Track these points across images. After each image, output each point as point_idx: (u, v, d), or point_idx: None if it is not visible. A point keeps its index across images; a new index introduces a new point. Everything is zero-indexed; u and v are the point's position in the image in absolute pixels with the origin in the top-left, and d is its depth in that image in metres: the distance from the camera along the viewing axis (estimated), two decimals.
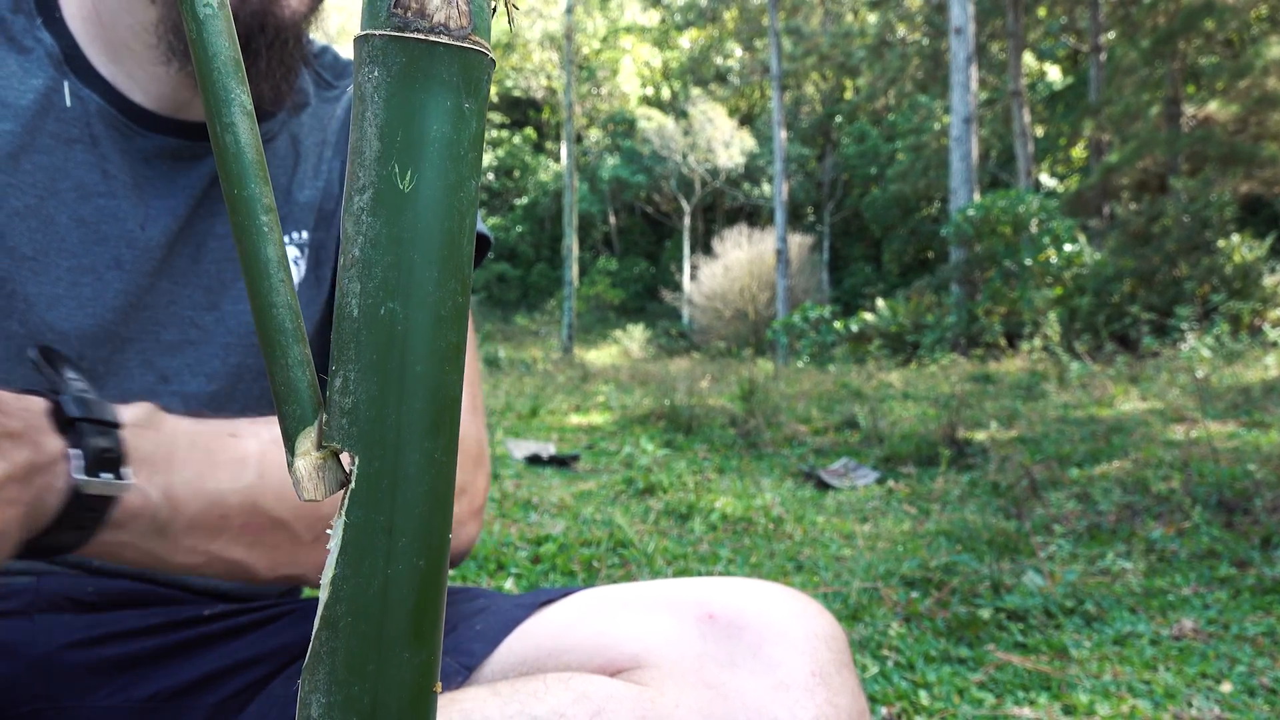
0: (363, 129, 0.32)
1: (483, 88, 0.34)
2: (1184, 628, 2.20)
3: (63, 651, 0.76)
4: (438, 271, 0.33)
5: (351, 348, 0.32)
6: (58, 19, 0.78)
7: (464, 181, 0.33)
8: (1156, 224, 13.55)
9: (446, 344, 0.33)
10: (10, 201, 0.75)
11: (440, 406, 0.33)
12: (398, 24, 0.32)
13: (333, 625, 0.34)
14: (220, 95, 0.33)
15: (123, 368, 0.80)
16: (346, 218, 0.33)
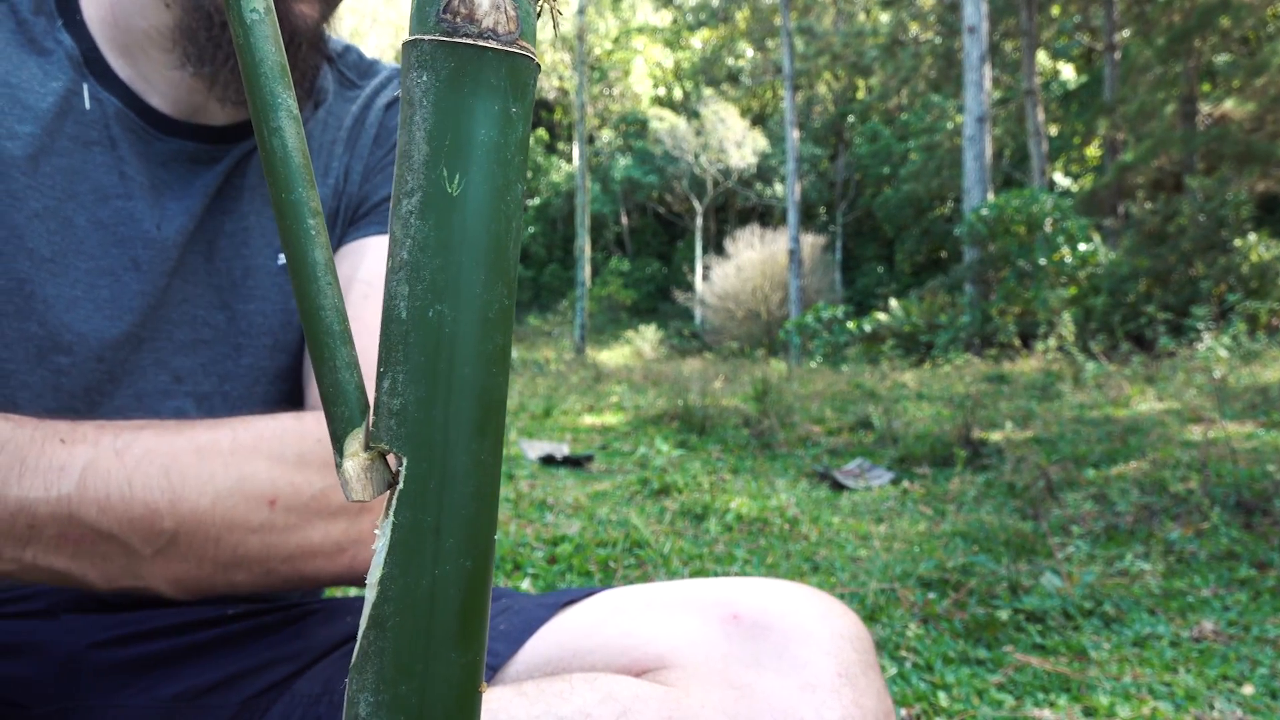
0: (411, 133, 0.32)
1: (529, 92, 0.34)
2: (1204, 629, 2.19)
3: (88, 651, 0.76)
4: (485, 274, 0.33)
5: (400, 350, 0.32)
6: (78, 21, 0.79)
7: (510, 185, 0.33)
8: (1172, 223, 13.47)
9: (493, 346, 0.33)
10: (30, 204, 0.75)
11: (486, 408, 0.33)
12: (446, 29, 0.32)
13: (380, 625, 0.34)
14: (267, 100, 0.33)
15: (137, 368, 0.80)
16: (394, 221, 0.33)
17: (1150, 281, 12.64)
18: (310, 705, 0.77)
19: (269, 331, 0.85)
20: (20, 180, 0.75)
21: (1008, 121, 23.33)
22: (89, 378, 0.78)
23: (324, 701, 0.77)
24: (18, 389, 0.76)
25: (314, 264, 0.34)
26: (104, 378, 0.78)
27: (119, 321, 0.78)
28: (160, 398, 0.80)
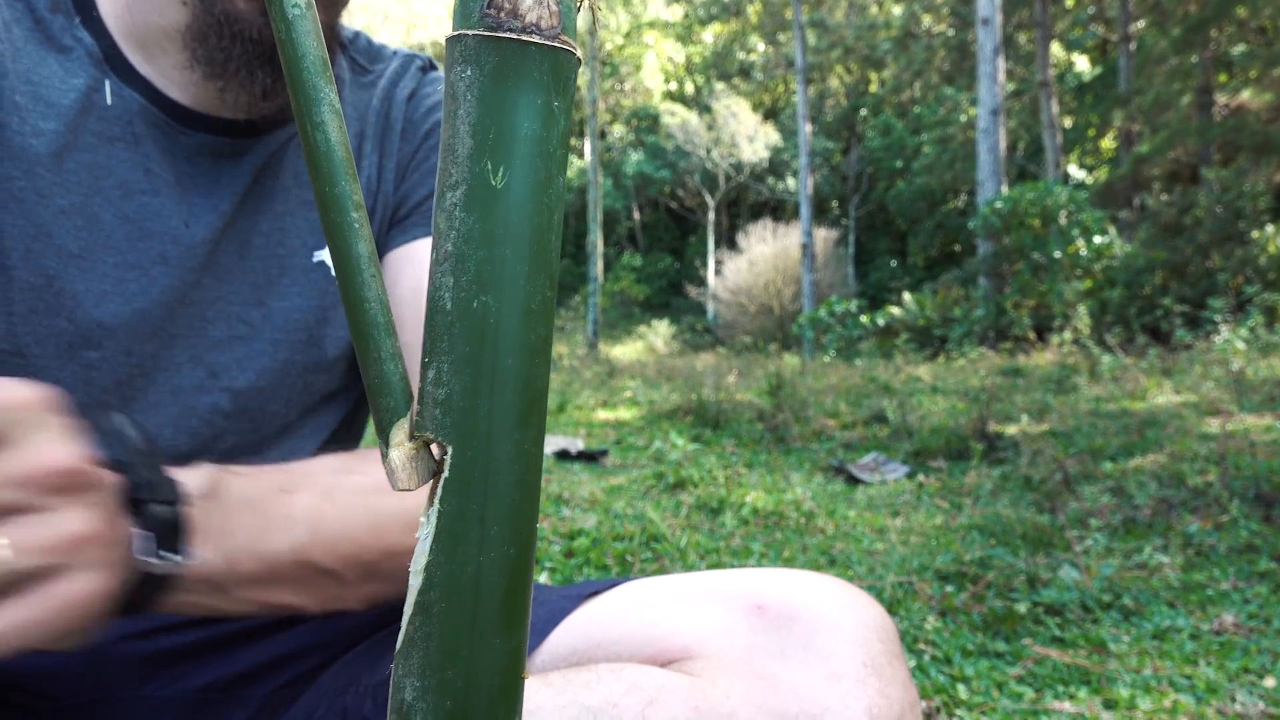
0: (455, 126, 0.33)
1: (570, 86, 0.34)
2: (1224, 622, 2.18)
3: (117, 643, 0.77)
4: (528, 266, 0.33)
5: (444, 340, 0.33)
6: (95, 18, 0.79)
7: (553, 178, 0.33)
8: (1188, 215, 13.38)
9: (536, 337, 0.34)
10: (56, 200, 0.75)
11: (530, 399, 0.34)
12: (490, 24, 0.32)
13: (426, 610, 0.34)
14: (310, 94, 0.33)
15: (171, 363, 0.80)
16: (439, 213, 0.33)
17: (1166, 274, 12.56)
18: (336, 696, 0.77)
19: (304, 327, 0.85)
20: (46, 177, 0.75)
21: (1022, 114, 23.21)
22: (119, 371, 0.78)
23: (350, 692, 0.77)
24: (49, 384, 0.77)
25: (358, 257, 0.34)
26: (135, 372, 0.79)
27: (148, 316, 0.79)
28: (195, 393, 0.81)
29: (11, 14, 0.77)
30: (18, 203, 0.74)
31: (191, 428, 0.81)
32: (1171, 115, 17.45)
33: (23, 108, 0.75)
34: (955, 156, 23.45)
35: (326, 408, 0.91)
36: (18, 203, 0.74)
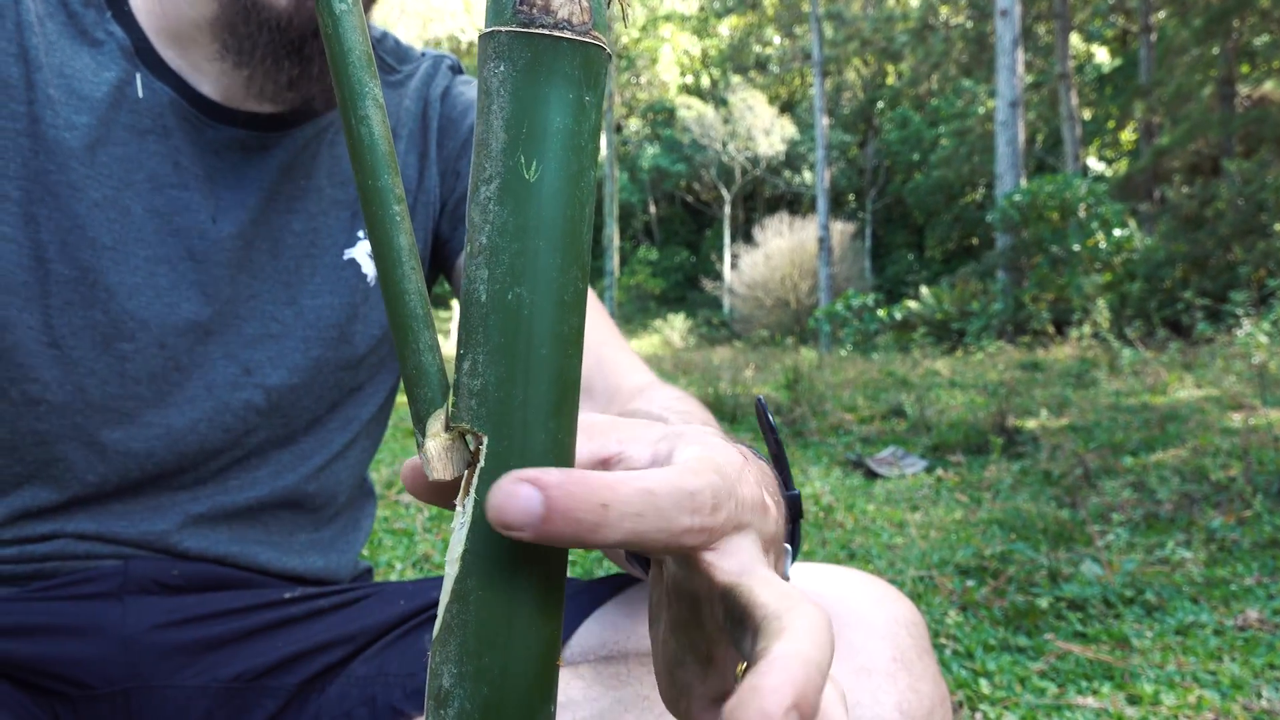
0: (488, 121, 0.33)
1: (602, 80, 0.34)
2: (1249, 618, 2.16)
3: (150, 632, 0.77)
4: (561, 258, 0.33)
5: (480, 332, 0.33)
6: (126, 11, 0.80)
7: (584, 171, 0.34)
8: (1209, 207, 13.26)
9: (569, 328, 0.34)
10: (89, 193, 0.76)
11: (563, 389, 0.34)
12: (523, 20, 0.33)
13: (463, 599, 0.34)
14: (355, 89, 0.34)
15: (206, 359, 0.81)
16: (473, 207, 0.33)
17: (1187, 267, 12.46)
18: (365, 687, 0.78)
19: (335, 324, 0.86)
20: (79, 170, 0.76)
21: (1040, 106, 23.06)
22: (152, 364, 0.79)
23: (379, 683, 0.78)
24: (85, 375, 0.77)
25: (399, 249, 0.34)
26: (169, 365, 0.79)
27: (177, 309, 0.80)
28: (230, 389, 0.82)
29: (45, 8, 0.77)
30: (53, 196, 0.75)
31: (225, 423, 0.82)
32: (1193, 107, 17.29)
33: (56, 101, 0.75)
34: (973, 149, 23.31)
35: (354, 401, 0.91)
36: (53, 196, 0.75)
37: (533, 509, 0.31)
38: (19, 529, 0.78)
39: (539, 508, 0.31)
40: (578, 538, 0.31)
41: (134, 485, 0.80)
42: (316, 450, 0.89)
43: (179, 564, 0.81)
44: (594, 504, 0.31)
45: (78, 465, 0.78)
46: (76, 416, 0.77)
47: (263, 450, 0.85)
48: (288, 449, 0.87)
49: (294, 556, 0.88)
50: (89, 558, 0.79)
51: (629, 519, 0.31)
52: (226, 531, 0.84)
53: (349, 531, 0.95)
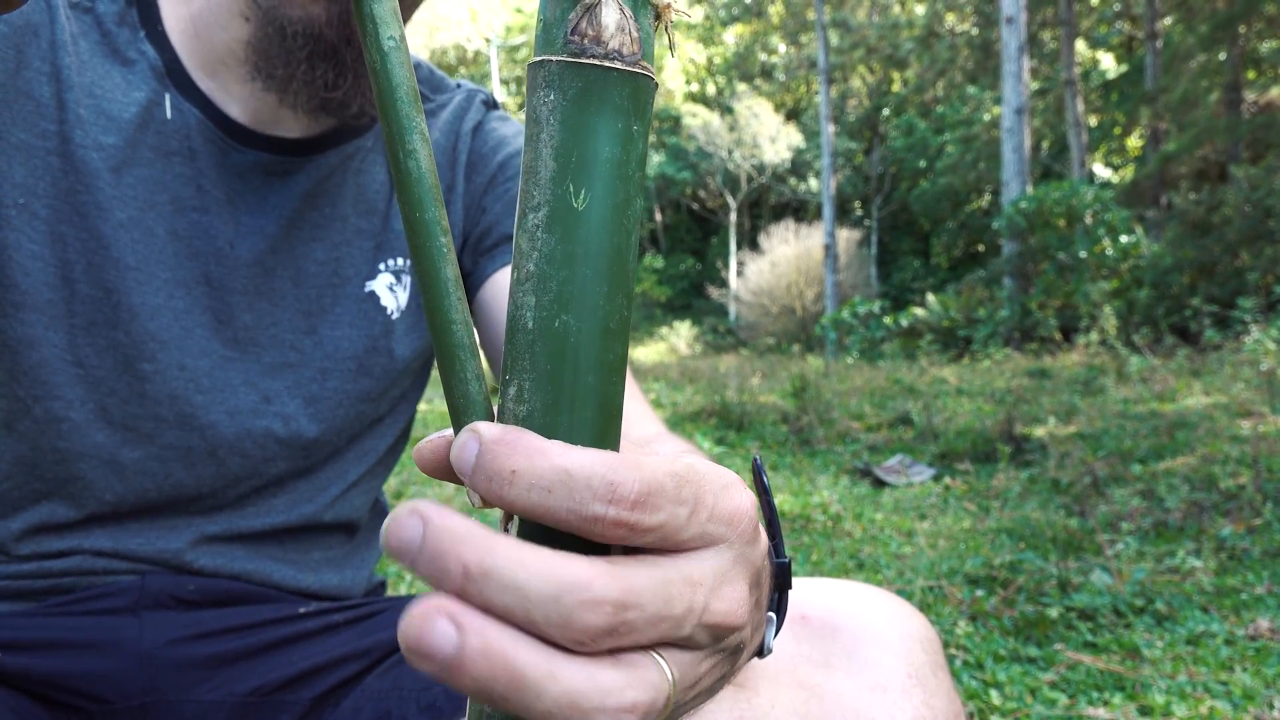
0: (537, 150, 0.34)
1: (649, 110, 0.35)
2: (1260, 628, 2.15)
3: (167, 647, 0.78)
4: (607, 286, 0.34)
5: (526, 358, 0.34)
6: (160, 32, 0.80)
7: (631, 200, 0.34)
8: (1217, 213, 13.23)
9: (614, 356, 0.34)
10: (115, 214, 0.77)
11: (607, 416, 0.34)
12: (574, 50, 0.33)
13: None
14: (403, 123, 0.34)
15: (227, 384, 0.82)
16: (520, 234, 0.34)
17: (1194, 273, 12.43)
18: (380, 701, 0.78)
19: (353, 356, 0.86)
20: (106, 191, 0.76)
21: (1046, 112, 23.04)
22: (172, 385, 0.79)
23: (393, 697, 0.78)
24: (106, 395, 0.78)
25: (445, 280, 0.35)
26: (190, 388, 0.80)
27: (193, 333, 0.80)
28: (251, 416, 0.82)
29: (79, 26, 0.78)
30: (80, 215, 0.76)
31: (245, 449, 0.82)
32: (1199, 113, 17.26)
33: (86, 121, 0.76)
34: (979, 156, 23.29)
35: (374, 434, 0.92)
36: (80, 215, 0.76)
37: (468, 458, 0.33)
38: (37, 544, 0.79)
39: (473, 458, 0.32)
40: (490, 496, 0.32)
41: (151, 505, 0.81)
42: (334, 481, 0.89)
43: (194, 580, 0.82)
44: (504, 468, 0.32)
45: (96, 484, 0.78)
46: (97, 435, 0.78)
47: (281, 480, 0.86)
48: (305, 479, 0.87)
49: (308, 574, 0.88)
50: (106, 573, 0.80)
51: (536, 491, 0.32)
52: (241, 550, 0.84)
53: (363, 549, 0.95)
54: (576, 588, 0.31)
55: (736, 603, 0.37)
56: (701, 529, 0.35)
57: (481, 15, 30.87)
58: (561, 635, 0.31)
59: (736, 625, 0.37)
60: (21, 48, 0.74)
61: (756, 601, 0.42)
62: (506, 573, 0.31)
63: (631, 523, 0.33)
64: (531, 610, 0.31)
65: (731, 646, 0.39)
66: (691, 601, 0.34)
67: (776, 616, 0.51)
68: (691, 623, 0.35)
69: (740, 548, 0.37)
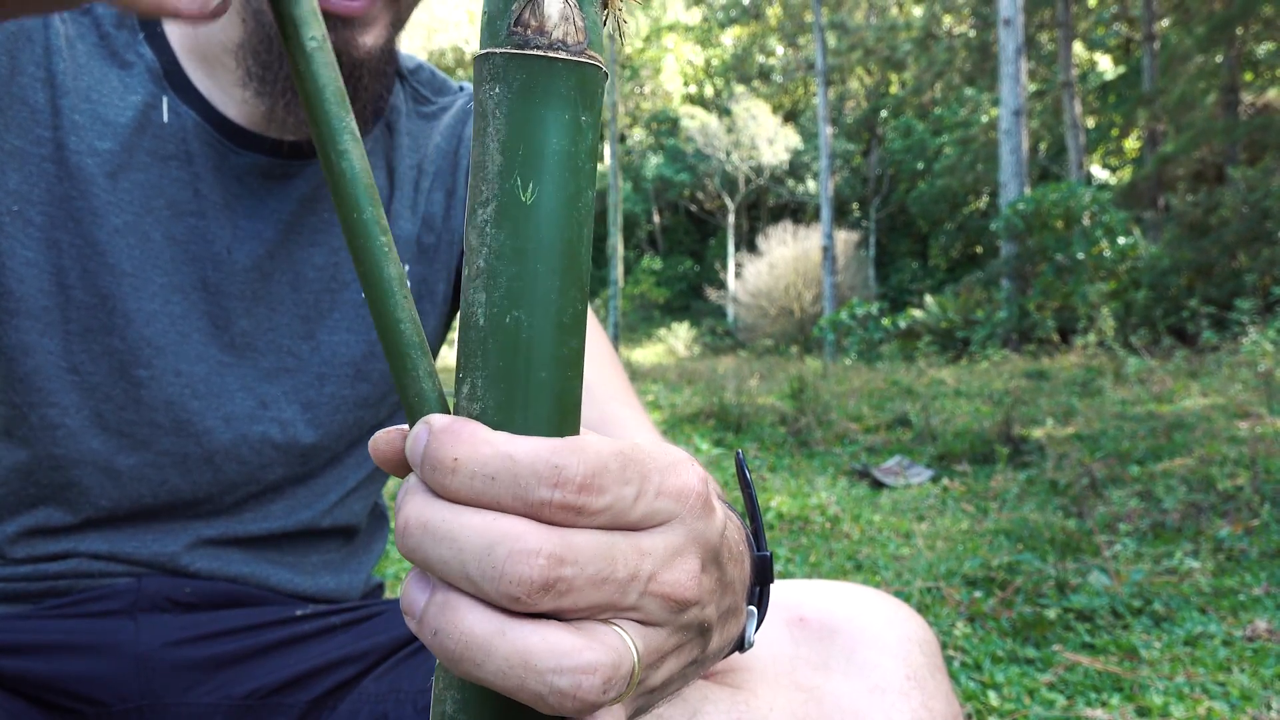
0: (484, 144, 0.33)
1: (598, 100, 0.34)
2: (1257, 629, 2.15)
3: (163, 650, 0.78)
4: (559, 280, 0.33)
5: (478, 355, 0.33)
6: (159, 34, 0.80)
7: (582, 192, 0.34)
8: (1214, 215, 13.25)
9: (568, 350, 0.34)
10: (110, 219, 0.77)
11: (563, 412, 0.34)
12: (517, 42, 0.33)
13: None
14: (331, 125, 0.34)
15: (224, 390, 0.81)
16: (470, 230, 0.34)
17: (1192, 275, 12.44)
18: (377, 704, 0.78)
19: (351, 361, 0.86)
20: (101, 196, 0.76)
21: (1044, 114, 23.06)
22: (168, 391, 0.79)
23: (390, 700, 0.78)
24: (101, 401, 0.78)
25: (388, 279, 0.35)
26: (186, 394, 0.79)
27: (190, 338, 0.80)
28: (248, 422, 0.82)
29: (76, 30, 0.78)
30: (75, 221, 0.76)
31: (242, 455, 0.82)
32: (1196, 114, 17.28)
33: (81, 126, 0.76)
34: (977, 158, 23.31)
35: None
36: (75, 221, 0.76)
37: (418, 449, 0.33)
38: (32, 546, 0.78)
39: (421, 448, 0.33)
40: (435, 485, 0.32)
41: (147, 510, 0.80)
42: (332, 487, 0.89)
43: (191, 582, 0.81)
44: (447, 456, 0.32)
45: (92, 490, 0.78)
46: (92, 441, 0.77)
47: (278, 486, 0.85)
48: (303, 485, 0.87)
49: (306, 577, 0.88)
50: (102, 576, 0.79)
51: (479, 479, 0.32)
52: (238, 553, 0.84)
53: (361, 553, 0.95)
54: (509, 538, 0.31)
55: (688, 574, 0.37)
56: (650, 507, 0.35)
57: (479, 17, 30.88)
58: (496, 590, 0.31)
59: (688, 599, 0.37)
60: (15, 53, 0.74)
61: (719, 581, 0.41)
62: (442, 527, 0.32)
63: (578, 506, 0.33)
64: (466, 563, 0.31)
65: (694, 624, 0.39)
66: (638, 568, 0.34)
67: (758, 610, 0.51)
68: (637, 589, 0.34)
69: (691, 523, 0.37)
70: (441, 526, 0.32)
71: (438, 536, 0.32)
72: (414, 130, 0.92)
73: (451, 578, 0.32)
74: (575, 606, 0.33)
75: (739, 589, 0.47)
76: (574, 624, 0.33)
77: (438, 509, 0.32)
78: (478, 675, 0.31)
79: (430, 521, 0.32)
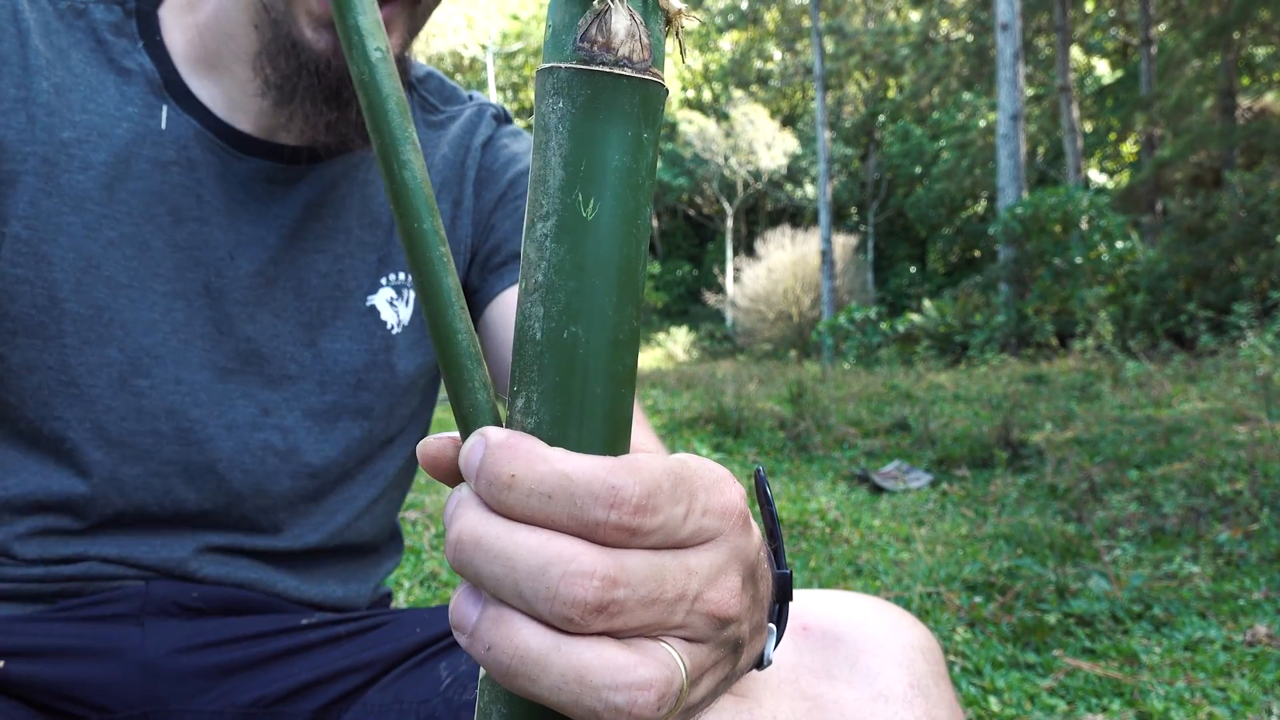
0: (546, 158, 0.33)
1: (659, 117, 0.35)
2: (1257, 633, 2.16)
3: (169, 657, 0.78)
4: (616, 297, 0.33)
5: (534, 369, 0.33)
6: (158, 43, 0.80)
7: (641, 209, 0.34)
8: (1212, 219, 13.26)
9: (623, 367, 0.34)
10: (105, 232, 0.77)
11: (616, 427, 0.34)
12: (584, 57, 0.33)
13: None
14: (395, 134, 0.34)
15: (225, 398, 0.81)
16: (528, 243, 0.34)
17: (1190, 279, 12.45)
18: (381, 714, 0.78)
19: (353, 370, 0.86)
20: (95, 211, 0.76)
21: (1042, 119, 23.08)
22: (169, 400, 0.79)
23: (394, 710, 0.78)
24: (102, 413, 0.78)
25: (447, 290, 0.35)
26: (188, 402, 0.80)
27: (192, 346, 0.80)
28: (249, 429, 0.82)
29: (70, 39, 0.78)
30: (66, 236, 0.75)
31: (244, 464, 0.82)
32: (1194, 119, 17.30)
33: (71, 144, 0.76)
34: (974, 162, 23.34)
35: (384, 455, 0.91)
36: (66, 236, 0.75)
37: (474, 462, 0.33)
38: (44, 548, 0.78)
39: (478, 462, 0.33)
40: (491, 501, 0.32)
41: (153, 519, 0.81)
42: (341, 508, 0.88)
43: (198, 587, 0.82)
44: (504, 472, 0.32)
45: (97, 499, 0.78)
46: (95, 453, 0.78)
47: (289, 504, 0.85)
48: (315, 504, 0.86)
49: (313, 585, 0.88)
50: (114, 579, 0.80)
51: (535, 497, 0.32)
52: (245, 560, 0.84)
53: (371, 566, 0.95)
54: (563, 559, 0.31)
55: (731, 592, 0.37)
56: (697, 525, 0.35)
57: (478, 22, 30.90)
58: (549, 610, 0.31)
59: (733, 616, 0.37)
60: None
61: (753, 598, 0.42)
62: (495, 544, 0.32)
63: (633, 527, 0.33)
64: (519, 581, 0.32)
65: (732, 640, 0.39)
66: (685, 587, 0.35)
67: (777, 628, 0.51)
68: (684, 608, 0.35)
69: (734, 540, 0.37)
70: (495, 544, 0.32)
71: (491, 553, 0.32)
72: (423, 140, 0.92)
73: (504, 595, 0.32)
74: (626, 627, 0.33)
75: (765, 606, 0.47)
76: (626, 641, 0.33)
77: (492, 524, 0.32)
78: (532, 691, 0.32)
79: (484, 538, 0.32)
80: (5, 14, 0.76)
